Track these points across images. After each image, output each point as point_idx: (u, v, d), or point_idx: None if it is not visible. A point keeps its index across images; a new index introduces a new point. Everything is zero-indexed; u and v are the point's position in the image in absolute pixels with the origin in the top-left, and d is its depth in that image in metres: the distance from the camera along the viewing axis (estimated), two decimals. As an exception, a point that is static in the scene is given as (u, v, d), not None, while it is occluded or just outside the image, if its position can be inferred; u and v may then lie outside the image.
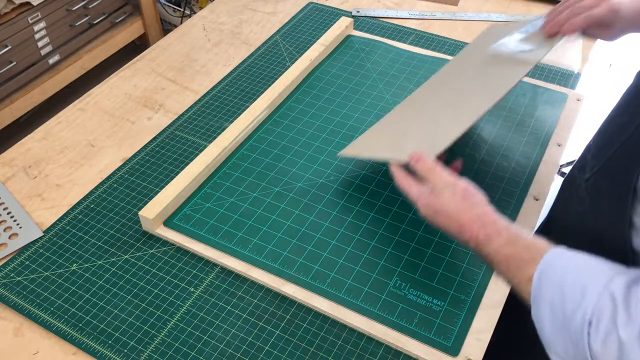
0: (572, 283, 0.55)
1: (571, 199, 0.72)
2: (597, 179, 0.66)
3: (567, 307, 0.54)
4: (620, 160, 0.61)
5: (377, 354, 0.68)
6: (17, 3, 1.88)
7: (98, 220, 0.84)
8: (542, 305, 0.56)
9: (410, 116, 0.86)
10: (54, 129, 1.00)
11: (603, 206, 0.63)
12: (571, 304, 0.54)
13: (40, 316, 0.73)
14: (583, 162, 0.70)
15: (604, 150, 0.65)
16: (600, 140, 0.69)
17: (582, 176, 0.69)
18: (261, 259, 0.77)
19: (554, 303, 0.55)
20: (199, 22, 1.25)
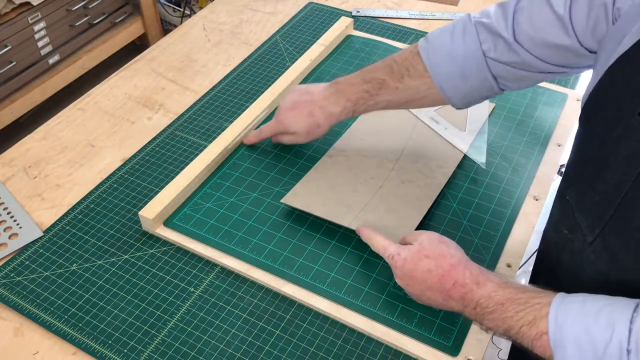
0: (594, 317, 0.53)
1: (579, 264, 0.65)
2: (605, 242, 0.60)
3: (597, 341, 0.52)
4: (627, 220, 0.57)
5: (377, 354, 0.68)
6: (17, 3, 1.88)
7: (98, 220, 0.84)
8: (567, 347, 0.53)
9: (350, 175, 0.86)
10: (54, 129, 1.00)
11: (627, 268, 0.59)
12: (601, 336, 0.52)
13: (40, 316, 0.73)
14: (572, 222, 0.65)
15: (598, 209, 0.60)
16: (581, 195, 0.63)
17: (582, 238, 0.64)
18: (261, 259, 0.77)
19: (580, 341, 0.53)
20: (199, 22, 1.25)
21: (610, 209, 0.58)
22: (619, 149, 0.57)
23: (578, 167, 0.65)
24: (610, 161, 0.58)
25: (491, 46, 0.73)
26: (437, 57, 0.77)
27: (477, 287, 0.63)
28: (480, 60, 0.75)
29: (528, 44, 0.71)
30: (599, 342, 0.52)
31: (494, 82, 0.76)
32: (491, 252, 0.77)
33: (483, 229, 0.80)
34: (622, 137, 0.57)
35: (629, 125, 0.56)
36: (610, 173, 0.58)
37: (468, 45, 0.75)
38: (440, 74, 0.77)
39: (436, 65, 0.77)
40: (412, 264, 0.67)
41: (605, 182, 0.59)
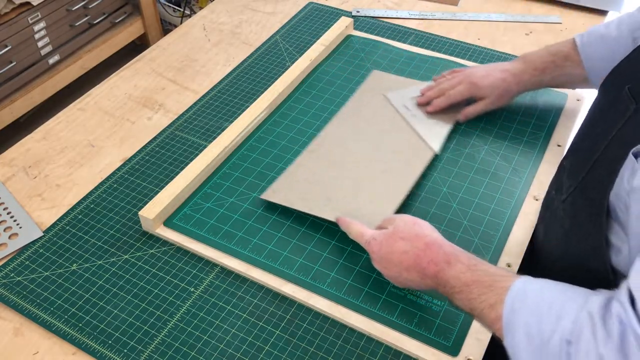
0: (547, 307, 0.54)
1: (552, 222, 0.71)
2: (573, 199, 0.65)
3: (544, 330, 0.53)
4: (594, 178, 0.61)
5: (377, 354, 0.68)
6: (17, 3, 1.88)
7: (98, 220, 0.84)
8: (517, 331, 0.55)
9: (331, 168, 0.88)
10: (54, 129, 1.00)
11: (582, 227, 0.63)
12: (548, 326, 0.53)
13: (40, 316, 0.73)
14: (559, 183, 0.70)
15: (577, 170, 0.65)
16: (573, 159, 0.69)
17: (560, 197, 0.69)
18: (261, 259, 0.77)
19: (529, 328, 0.54)
20: (199, 22, 1.25)
21: (584, 171, 0.63)
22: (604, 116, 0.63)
23: (579, 135, 0.70)
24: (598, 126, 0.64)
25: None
26: (590, 39, 0.86)
27: (448, 266, 0.64)
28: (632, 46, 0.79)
29: None
30: (546, 331, 0.53)
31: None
32: (491, 252, 0.77)
33: (483, 229, 0.80)
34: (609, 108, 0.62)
35: (618, 96, 0.61)
36: (593, 138, 0.63)
37: (621, 31, 0.82)
38: (589, 53, 0.86)
39: (587, 45, 0.86)
40: (388, 247, 0.69)
41: (587, 147, 0.64)
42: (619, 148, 0.57)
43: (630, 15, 0.83)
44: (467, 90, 0.93)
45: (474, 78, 0.93)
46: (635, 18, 0.82)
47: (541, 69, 0.90)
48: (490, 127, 0.95)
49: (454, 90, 0.94)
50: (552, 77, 0.90)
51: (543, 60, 0.90)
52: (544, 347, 0.53)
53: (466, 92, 0.93)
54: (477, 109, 0.94)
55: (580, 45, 0.87)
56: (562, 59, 0.89)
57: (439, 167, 0.89)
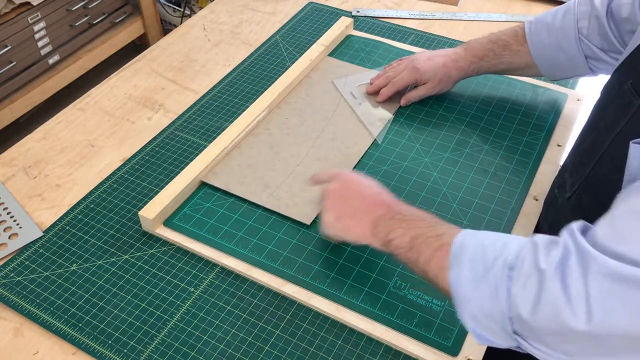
0: (493, 239, 0.56)
1: (557, 220, 0.71)
2: (579, 196, 0.66)
3: (488, 258, 0.54)
4: (598, 176, 0.62)
5: (377, 354, 0.68)
6: (17, 3, 1.88)
7: (98, 220, 0.84)
8: (462, 262, 0.56)
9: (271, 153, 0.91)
10: (53, 129, 1.00)
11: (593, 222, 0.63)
12: (492, 253, 0.54)
13: (40, 316, 0.73)
14: (562, 181, 0.71)
15: (581, 168, 0.66)
16: (575, 157, 0.69)
17: (564, 195, 0.69)
18: (261, 259, 0.77)
19: (474, 257, 0.55)
20: (199, 22, 1.25)
21: (588, 168, 0.63)
22: (607, 113, 0.63)
23: (582, 133, 0.71)
24: (600, 124, 0.64)
25: (586, 24, 0.82)
26: (537, 28, 0.88)
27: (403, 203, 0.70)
28: (574, 37, 0.83)
29: (612, 21, 0.79)
30: (489, 259, 0.54)
31: (584, 61, 0.84)
32: (491, 252, 0.77)
33: (483, 229, 0.80)
34: (613, 102, 0.63)
35: (620, 92, 0.61)
36: (596, 135, 0.64)
37: (566, 22, 0.85)
38: (535, 42, 0.88)
39: (535, 34, 0.88)
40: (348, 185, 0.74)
41: (591, 144, 0.64)
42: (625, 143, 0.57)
43: (577, 4, 0.85)
44: (410, 75, 0.95)
45: (416, 63, 0.95)
46: (580, 8, 0.84)
47: (480, 56, 0.93)
48: (490, 127, 0.95)
49: (398, 77, 0.97)
50: (491, 64, 0.93)
51: (483, 47, 0.93)
52: (486, 274, 0.54)
53: (409, 77, 0.96)
54: (419, 93, 0.97)
55: (528, 34, 0.89)
56: (501, 48, 0.91)
57: (439, 167, 0.89)
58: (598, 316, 0.45)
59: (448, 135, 0.94)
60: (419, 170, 0.89)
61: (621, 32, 0.80)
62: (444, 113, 0.98)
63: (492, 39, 0.93)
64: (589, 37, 0.83)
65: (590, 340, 0.47)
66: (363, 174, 0.77)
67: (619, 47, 0.80)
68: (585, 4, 0.84)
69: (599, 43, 0.83)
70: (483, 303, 0.53)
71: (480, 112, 0.98)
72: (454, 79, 0.95)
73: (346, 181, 0.74)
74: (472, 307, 0.55)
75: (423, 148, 0.92)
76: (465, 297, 0.55)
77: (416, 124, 0.96)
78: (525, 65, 0.92)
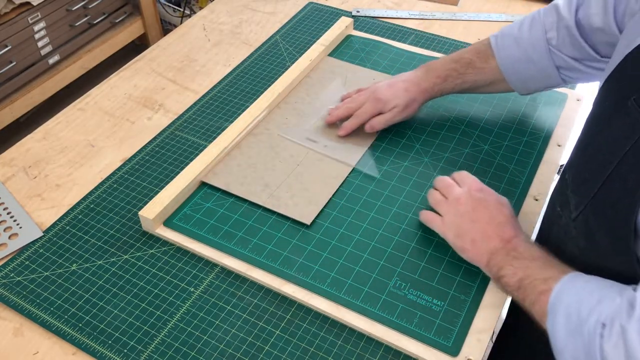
0: (590, 292, 0.57)
1: (563, 240, 0.69)
2: (586, 217, 0.63)
3: (582, 311, 0.55)
4: (608, 197, 0.59)
5: (377, 354, 0.68)
6: (17, 3, 1.88)
7: (98, 220, 0.84)
8: (558, 313, 0.58)
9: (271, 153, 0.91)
10: (53, 129, 1.00)
11: (602, 244, 0.61)
12: (587, 308, 0.55)
13: (40, 316, 0.73)
14: (565, 199, 0.68)
15: (584, 187, 0.63)
16: (576, 174, 0.67)
17: (568, 214, 0.67)
18: (261, 259, 0.77)
19: (570, 309, 0.57)
20: (199, 22, 1.25)
21: (595, 188, 0.61)
22: (611, 130, 0.61)
23: (580, 149, 0.69)
24: (603, 143, 0.62)
25: (554, 34, 0.81)
26: (504, 42, 0.86)
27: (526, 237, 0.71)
28: (544, 49, 0.82)
29: (583, 30, 0.78)
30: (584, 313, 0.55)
31: (555, 72, 0.83)
32: (491, 252, 0.77)
33: (483, 229, 0.80)
34: (615, 120, 0.60)
35: (625, 108, 0.59)
36: (601, 154, 0.61)
37: (534, 34, 0.83)
38: (504, 57, 0.86)
39: (502, 49, 0.86)
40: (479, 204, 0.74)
41: (595, 162, 0.62)
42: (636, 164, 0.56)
43: (542, 14, 0.83)
44: (373, 107, 0.91)
45: (378, 93, 0.91)
46: (547, 18, 0.82)
47: (443, 76, 0.90)
48: (490, 127, 0.95)
49: (361, 110, 0.92)
50: (455, 84, 0.90)
51: (445, 67, 0.90)
52: (580, 328, 0.55)
53: (372, 109, 0.91)
54: (385, 118, 0.91)
55: (495, 49, 0.87)
56: (464, 66, 0.89)
57: (439, 167, 0.89)
58: None
59: (448, 135, 0.94)
60: (419, 170, 0.89)
61: (594, 41, 0.78)
62: (444, 113, 0.98)
63: (454, 58, 0.90)
64: (560, 48, 0.81)
65: None
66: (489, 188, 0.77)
67: (594, 55, 0.78)
68: (550, 14, 0.82)
69: (570, 53, 0.81)
70: (577, 355, 0.55)
71: (480, 112, 0.98)
72: (419, 102, 0.92)
73: (478, 198, 0.74)
74: (566, 357, 0.57)
75: (423, 148, 0.92)
76: (560, 347, 0.57)
77: (416, 124, 0.96)
78: (490, 82, 0.89)
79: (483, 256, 0.70)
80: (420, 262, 0.76)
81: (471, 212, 0.73)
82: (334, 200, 0.84)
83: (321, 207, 0.83)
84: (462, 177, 0.78)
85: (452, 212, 0.75)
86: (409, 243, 0.79)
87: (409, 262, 0.76)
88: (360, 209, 0.83)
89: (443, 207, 0.76)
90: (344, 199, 0.85)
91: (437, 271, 0.75)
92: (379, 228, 0.81)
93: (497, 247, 0.69)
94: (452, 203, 0.75)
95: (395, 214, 0.82)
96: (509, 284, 0.66)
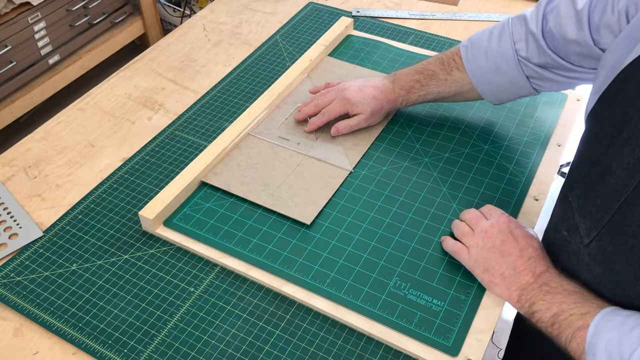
0: (630, 329, 0.55)
1: (573, 266, 0.67)
2: (600, 245, 0.61)
3: (624, 351, 0.54)
4: (625, 223, 0.57)
5: (377, 354, 0.68)
6: (17, 3, 1.88)
7: (98, 220, 0.84)
8: (598, 351, 0.56)
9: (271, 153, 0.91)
10: (54, 129, 1.00)
11: (620, 274, 0.59)
12: (629, 346, 0.54)
13: (40, 316, 0.73)
14: (572, 223, 0.65)
15: (595, 211, 0.61)
16: (582, 197, 0.64)
17: (578, 240, 0.64)
18: (261, 259, 0.77)
19: (611, 347, 0.55)
20: (199, 22, 1.25)
21: (609, 213, 0.59)
22: (623, 153, 0.57)
23: (582, 170, 0.65)
24: (613, 166, 0.58)
25: (523, 45, 0.80)
26: (474, 53, 0.85)
27: (555, 271, 0.67)
28: (513, 59, 0.81)
29: (552, 41, 0.77)
30: (625, 352, 0.54)
31: (526, 82, 0.82)
32: (491, 252, 0.77)
33: (483, 229, 0.80)
34: (627, 142, 0.57)
35: (635, 130, 0.56)
36: (614, 178, 0.58)
37: (503, 44, 0.83)
38: (474, 68, 0.85)
39: (472, 60, 0.85)
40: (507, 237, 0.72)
41: (607, 186, 0.59)
42: None
43: (511, 24, 0.82)
44: (342, 106, 0.91)
45: (347, 93, 0.91)
46: (516, 28, 0.81)
47: (407, 88, 0.91)
48: (490, 127, 0.96)
49: (329, 107, 0.92)
50: (419, 95, 0.91)
51: (409, 79, 0.90)
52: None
53: (340, 108, 0.92)
54: (350, 124, 0.92)
55: (465, 61, 0.86)
56: (427, 78, 0.89)
57: (439, 167, 0.89)
58: None
59: (448, 135, 0.94)
60: (419, 170, 0.89)
61: (567, 52, 0.76)
62: (444, 113, 0.98)
63: (418, 69, 0.90)
64: (529, 58, 0.80)
65: None
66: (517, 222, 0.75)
67: (565, 64, 0.77)
68: (519, 24, 0.81)
69: (538, 62, 0.80)
70: None
71: (480, 112, 0.98)
72: (385, 110, 0.93)
73: (506, 231, 0.72)
74: None
75: (423, 148, 0.92)
76: None
77: (416, 124, 0.96)
78: (455, 93, 0.89)
79: (514, 292, 0.68)
80: (420, 262, 0.76)
81: (500, 246, 0.71)
82: (334, 200, 0.84)
83: (321, 207, 0.83)
84: (490, 210, 0.76)
85: (480, 244, 0.72)
86: (409, 243, 0.79)
87: (409, 262, 0.76)
88: (360, 209, 0.83)
89: (470, 240, 0.74)
90: (344, 199, 0.85)
91: (437, 271, 0.75)
92: (379, 228, 0.81)
93: (528, 282, 0.67)
94: (479, 235, 0.73)
95: (395, 214, 0.82)
96: (542, 319, 0.64)
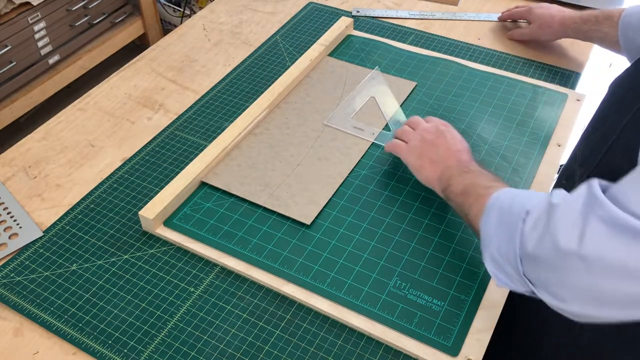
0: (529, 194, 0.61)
1: None
2: None
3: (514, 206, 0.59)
4: (609, 165, 0.63)
5: (377, 354, 0.68)
6: (17, 3, 1.88)
7: (98, 220, 0.84)
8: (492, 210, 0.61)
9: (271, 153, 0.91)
10: (54, 129, 1.00)
11: None
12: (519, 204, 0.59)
13: (40, 316, 0.73)
14: (571, 172, 0.73)
15: (590, 159, 0.68)
16: (585, 149, 0.71)
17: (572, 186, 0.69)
18: (261, 259, 0.77)
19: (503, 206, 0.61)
20: (199, 22, 1.25)
21: (598, 158, 0.65)
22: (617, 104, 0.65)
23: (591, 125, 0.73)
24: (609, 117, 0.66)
25: None
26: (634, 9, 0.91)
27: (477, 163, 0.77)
28: None
29: None
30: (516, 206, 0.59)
31: None
32: (491, 252, 0.77)
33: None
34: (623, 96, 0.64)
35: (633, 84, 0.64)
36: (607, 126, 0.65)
37: None
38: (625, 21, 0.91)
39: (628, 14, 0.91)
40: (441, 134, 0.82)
41: (601, 135, 0.66)
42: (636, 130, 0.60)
43: None
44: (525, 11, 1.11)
45: (533, 5, 1.10)
46: None
47: (584, 18, 1.00)
48: (490, 127, 0.95)
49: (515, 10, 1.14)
50: (589, 29, 0.99)
51: (590, 13, 1.00)
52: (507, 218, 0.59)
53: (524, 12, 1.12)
54: (522, 32, 1.12)
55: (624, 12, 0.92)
56: (604, 17, 0.97)
57: (439, 167, 0.89)
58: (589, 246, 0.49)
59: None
60: (419, 170, 0.89)
61: None
62: (444, 113, 0.98)
63: (600, 9, 0.98)
64: None
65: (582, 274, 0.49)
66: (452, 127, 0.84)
67: None
68: None
69: None
70: (501, 244, 0.58)
71: (480, 112, 0.98)
72: (555, 31, 1.06)
73: (442, 131, 0.82)
74: (492, 249, 0.60)
75: (423, 148, 0.92)
76: (488, 239, 0.61)
77: (416, 124, 0.96)
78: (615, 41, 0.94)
79: (436, 172, 0.77)
80: (420, 262, 0.76)
81: (434, 139, 0.81)
82: (334, 200, 0.84)
83: (321, 207, 0.83)
84: (430, 118, 0.86)
85: (418, 138, 0.82)
86: (409, 243, 0.79)
87: (409, 262, 0.76)
88: (360, 209, 0.83)
89: (410, 135, 0.84)
90: (344, 199, 0.85)
91: (437, 271, 0.75)
92: (379, 228, 0.81)
93: (451, 164, 0.76)
94: (418, 132, 0.83)
95: (395, 214, 0.82)
96: (454, 191, 0.72)
